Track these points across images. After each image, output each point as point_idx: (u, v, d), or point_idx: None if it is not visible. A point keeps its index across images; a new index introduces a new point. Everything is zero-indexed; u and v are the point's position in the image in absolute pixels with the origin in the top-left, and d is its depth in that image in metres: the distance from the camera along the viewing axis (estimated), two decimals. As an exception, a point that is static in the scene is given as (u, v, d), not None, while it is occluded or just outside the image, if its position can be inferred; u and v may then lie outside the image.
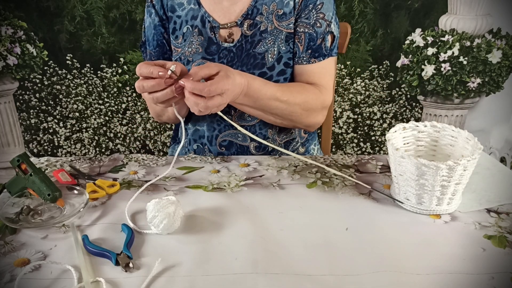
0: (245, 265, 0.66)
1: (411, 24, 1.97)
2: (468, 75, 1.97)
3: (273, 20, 0.99)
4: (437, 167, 0.72)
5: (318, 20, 1.00)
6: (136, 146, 2.19)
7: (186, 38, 1.02)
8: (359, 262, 0.67)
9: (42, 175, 0.79)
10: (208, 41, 1.01)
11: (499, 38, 1.95)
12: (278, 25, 0.99)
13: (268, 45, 1.00)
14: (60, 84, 2.06)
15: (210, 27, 1.00)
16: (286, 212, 0.79)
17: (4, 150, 2.13)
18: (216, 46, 1.01)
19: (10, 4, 1.89)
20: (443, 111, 2.10)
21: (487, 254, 0.69)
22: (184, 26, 1.02)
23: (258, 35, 1.00)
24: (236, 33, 1.01)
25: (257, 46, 1.00)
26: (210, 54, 1.02)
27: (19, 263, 0.67)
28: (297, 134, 1.13)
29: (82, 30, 1.95)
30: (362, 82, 2.07)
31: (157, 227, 0.72)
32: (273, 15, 0.99)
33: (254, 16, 0.99)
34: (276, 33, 1.00)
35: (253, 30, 1.00)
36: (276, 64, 1.01)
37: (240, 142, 1.07)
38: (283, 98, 0.94)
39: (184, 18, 1.02)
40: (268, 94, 0.92)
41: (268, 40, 1.00)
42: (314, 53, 1.01)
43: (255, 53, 1.00)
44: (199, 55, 1.02)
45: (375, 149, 2.20)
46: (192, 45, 1.02)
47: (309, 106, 0.99)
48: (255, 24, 1.00)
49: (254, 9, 0.99)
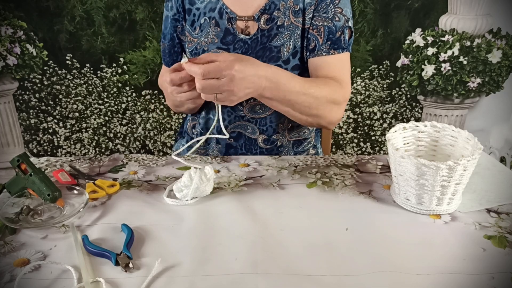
0: (245, 265, 0.66)
1: (411, 24, 1.97)
2: (468, 75, 1.97)
3: (290, 15, 1.00)
4: (437, 167, 0.72)
5: (337, 14, 1.00)
6: (136, 146, 2.19)
7: (203, 29, 1.03)
8: (359, 262, 0.67)
9: (42, 175, 0.79)
10: (225, 32, 1.02)
11: (499, 38, 1.95)
12: (294, 20, 1.01)
13: (285, 39, 1.01)
14: (60, 84, 2.06)
15: (228, 18, 1.02)
16: (286, 212, 0.79)
17: (4, 150, 2.13)
18: (232, 37, 1.02)
19: (10, 4, 1.89)
20: (443, 111, 2.10)
21: (487, 254, 0.69)
22: (202, 18, 1.04)
23: (275, 29, 1.01)
24: (253, 27, 1.02)
25: (273, 40, 1.01)
26: (225, 44, 1.02)
27: (19, 263, 0.66)
28: (312, 135, 1.14)
29: (82, 30, 1.95)
30: (362, 82, 2.07)
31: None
32: (290, 10, 1.00)
33: (272, 11, 1.00)
34: (293, 28, 1.01)
35: (270, 24, 1.01)
36: (291, 58, 1.02)
37: (249, 134, 1.08)
38: (311, 90, 0.92)
39: (202, 10, 1.03)
40: (297, 87, 0.91)
41: (285, 34, 1.01)
42: (334, 44, 1.01)
43: (271, 46, 1.01)
44: (214, 45, 1.03)
45: (375, 149, 2.20)
46: (208, 36, 1.03)
47: (334, 98, 0.97)
48: (272, 18, 1.01)
49: (272, 5, 1.00)
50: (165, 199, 0.83)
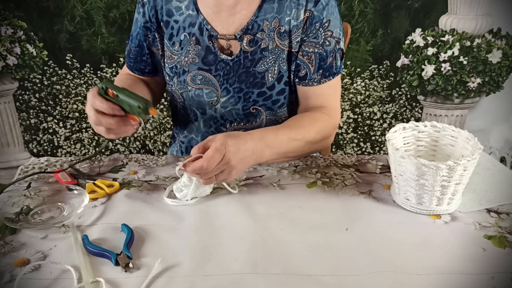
0: (245, 265, 0.66)
1: (411, 24, 1.97)
2: (468, 75, 1.97)
3: (275, 37, 0.95)
4: (437, 167, 0.72)
5: (327, 39, 0.95)
6: (136, 146, 2.19)
7: (183, 46, 0.98)
8: (359, 262, 0.67)
9: (127, 92, 0.79)
10: (206, 50, 0.97)
11: (499, 38, 1.95)
12: (280, 43, 0.95)
13: (269, 63, 0.96)
14: (60, 84, 2.06)
15: (208, 35, 0.97)
16: (286, 212, 0.79)
17: (4, 150, 2.13)
18: (214, 57, 0.97)
19: (10, 4, 1.89)
20: (443, 111, 2.10)
21: (487, 254, 0.69)
22: (181, 33, 0.98)
23: (258, 53, 0.96)
24: (235, 47, 0.97)
25: (257, 65, 0.96)
26: (207, 64, 0.98)
27: (19, 263, 0.66)
28: None
29: (82, 30, 1.95)
30: (362, 82, 2.07)
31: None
32: (274, 32, 0.95)
33: (255, 32, 0.95)
34: (278, 51, 0.96)
35: (253, 47, 0.96)
36: (276, 83, 0.98)
37: None
38: (298, 136, 0.91)
39: (181, 24, 0.98)
40: (284, 139, 0.89)
41: (269, 59, 0.96)
42: (325, 72, 0.97)
43: (255, 71, 0.96)
44: (196, 66, 0.98)
45: (375, 149, 2.20)
46: (189, 55, 0.98)
47: (324, 135, 0.97)
48: (256, 41, 0.95)
49: (254, 24, 0.95)
50: (165, 199, 0.83)
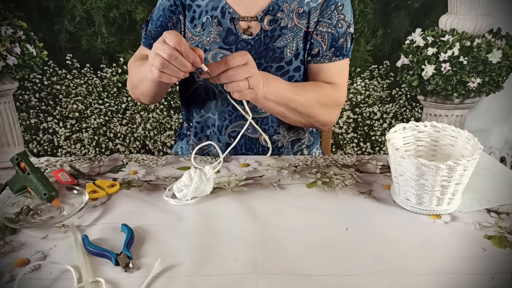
0: (245, 265, 0.66)
1: (411, 24, 1.97)
2: (468, 75, 1.97)
3: (294, 17, 1.01)
4: (437, 167, 0.72)
5: (340, 21, 1.02)
6: (136, 146, 2.19)
7: (205, 28, 1.03)
8: (359, 262, 0.67)
9: (39, 174, 0.79)
10: (227, 32, 1.02)
11: (499, 38, 1.95)
12: (298, 22, 1.01)
13: (288, 40, 1.01)
14: (60, 84, 2.06)
15: (230, 18, 1.01)
16: (286, 212, 0.79)
17: (4, 150, 2.13)
18: (235, 37, 1.02)
19: (10, 4, 1.89)
20: (443, 111, 2.10)
21: (487, 254, 0.69)
22: (203, 16, 1.03)
23: (278, 30, 1.01)
24: (255, 28, 1.02)
25: (276, 41, 1.01)
26: (227, 44, 1.02)
27: (19, 263, 0.66)
28: (306, 136, 1.15)
29: (82, 30, 1.95)
30: (362, 82, 2.07)
31: None
32: (293, 13, 1.00)
33: (275, 12, 1.01)
34: (296, 30, 1.01)
35: (273, 25, 1.01)
36: (293, 59, 1.03)
37: (249, 134, 1.08)
38: (299, 91, 0.97)
39: (204, 8, 1.02)
40: (285, 86, 0.95)
41: (288, 36, 1.01)
42: (336, 51, 1.03)
43: (275, 47, 1.01)
44: (217, 45, 1.03)
45: (375, 149, 2.20)
46: (211, 35, 1.02)
47: (324, 101, 1.01)
48: (276, 20, 1.01)
49: (275, 6, 1.00)
50: (165, 199, 0.83)
